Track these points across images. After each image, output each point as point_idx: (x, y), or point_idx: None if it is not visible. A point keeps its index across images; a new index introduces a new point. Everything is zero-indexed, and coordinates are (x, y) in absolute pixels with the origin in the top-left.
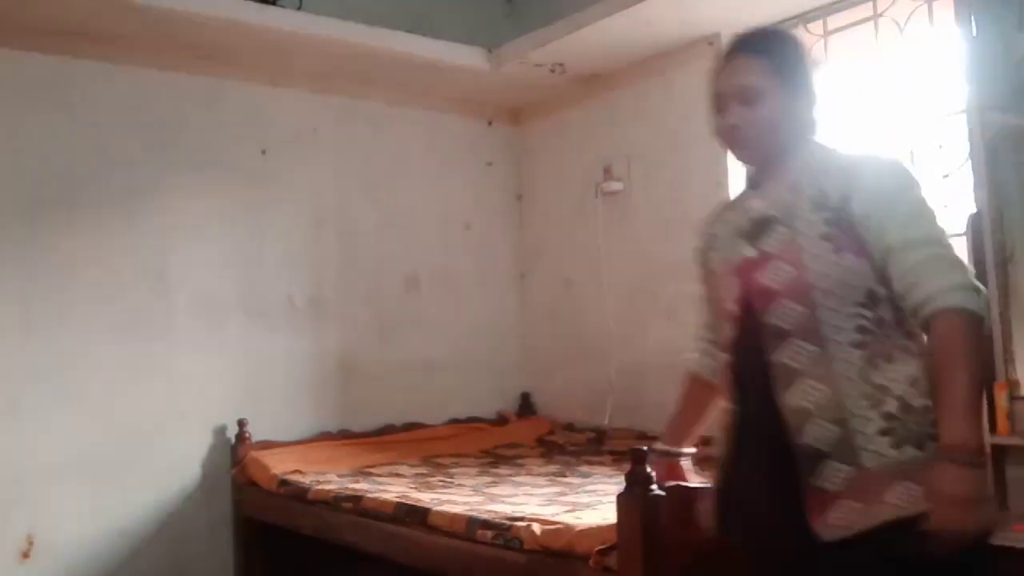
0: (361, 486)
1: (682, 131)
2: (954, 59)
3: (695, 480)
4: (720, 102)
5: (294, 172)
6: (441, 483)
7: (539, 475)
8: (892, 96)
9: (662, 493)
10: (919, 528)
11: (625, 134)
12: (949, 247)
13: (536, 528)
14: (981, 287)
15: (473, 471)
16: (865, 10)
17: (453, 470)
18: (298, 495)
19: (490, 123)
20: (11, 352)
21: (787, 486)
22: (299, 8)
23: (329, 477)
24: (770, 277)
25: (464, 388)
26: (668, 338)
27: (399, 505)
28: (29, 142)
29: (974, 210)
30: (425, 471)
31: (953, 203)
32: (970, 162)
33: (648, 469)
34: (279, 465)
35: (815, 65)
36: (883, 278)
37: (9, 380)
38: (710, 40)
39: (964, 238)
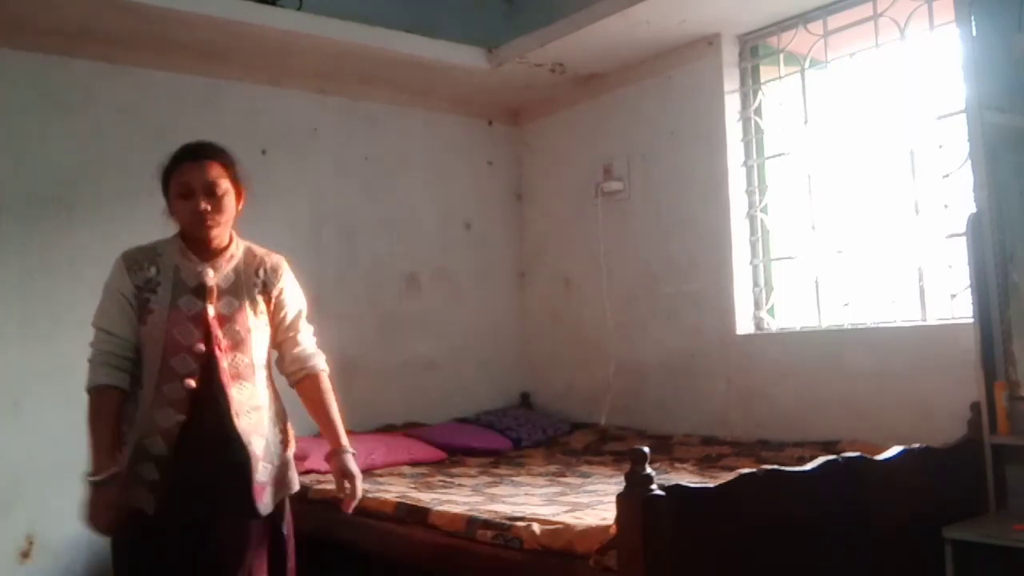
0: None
1: (682, 131)
2: (954, 59)
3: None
4: (188, 190)
5: (294, 172)
6: (441, 483)
7: (539, 475)
8: (892, 96)
9: (662, 493)
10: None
11: (625, 134)
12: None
13: (536, 528)
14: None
15: (473, 471)
16: (865, 10)
17: (453, 470)
18: (298, 495)
19: (490, 123)
20: (11, 352)
21: (237, 480)
22: (299, 8)
23: (329, 477)
24: (228, 333)
25: (464, 388)
26: (668, 338)
27: (399, 505)
28: (29, 142)
29: (974, 210)
30: (425, 471)
31: (953, 203)
32: (970, 162)
33: (648, 469)
34: None
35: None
36: (274, 346)
37: (9, 380)
38: (710, 40)
39: (964, 238)
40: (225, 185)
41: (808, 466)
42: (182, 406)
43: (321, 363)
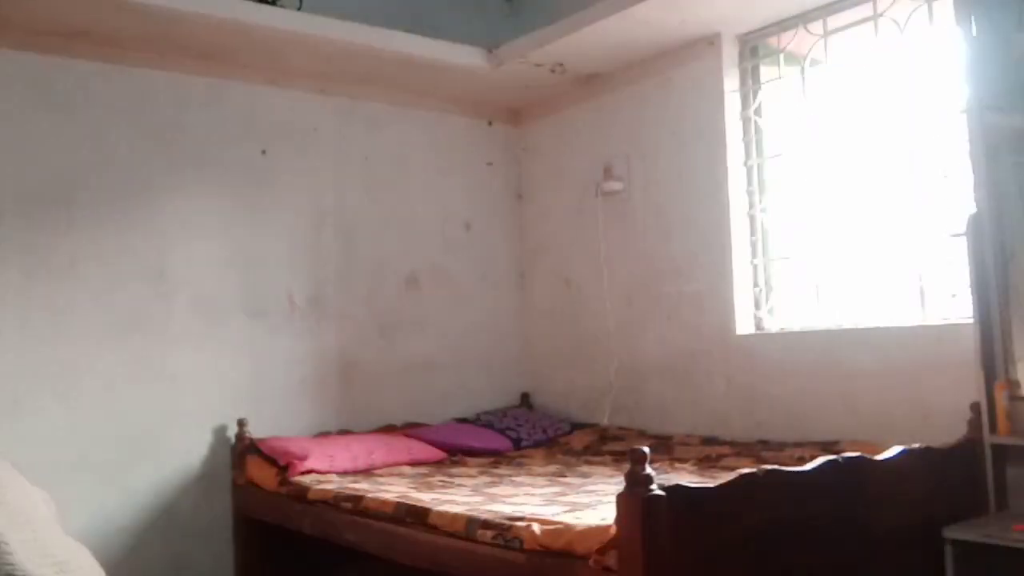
0: (361, 486)
1: (682, 131)
2: (954, 59)
3: None
4: None
5: (294, 172)
6: (441, 483)
7: (539, 475)
8: (892, 96)
9: (662, 493)
10: None
11: (625, 134)
12: None
13: (536, 528)
14: None
15: (473, 471)
16: (865, 10)
17: (453, 470)
18: (298, 495)
19: (490, 123)
20: (11, 352)
21: None
22: (299, 8)
23: (329, 477)
24: None
25: (464, 388)
26: (668, 338)
27: (399, 505)
28: (29, 142)
29: (974, 210)
30: (425, 471)
31: (953, 203)
32: (970, 162)
33: (648, 469)
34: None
35: None
36: None
37: (9, 380)
38: (710, 40)
39: (964, 238)
40: None
41: (808, 466)
42: None
43: None
